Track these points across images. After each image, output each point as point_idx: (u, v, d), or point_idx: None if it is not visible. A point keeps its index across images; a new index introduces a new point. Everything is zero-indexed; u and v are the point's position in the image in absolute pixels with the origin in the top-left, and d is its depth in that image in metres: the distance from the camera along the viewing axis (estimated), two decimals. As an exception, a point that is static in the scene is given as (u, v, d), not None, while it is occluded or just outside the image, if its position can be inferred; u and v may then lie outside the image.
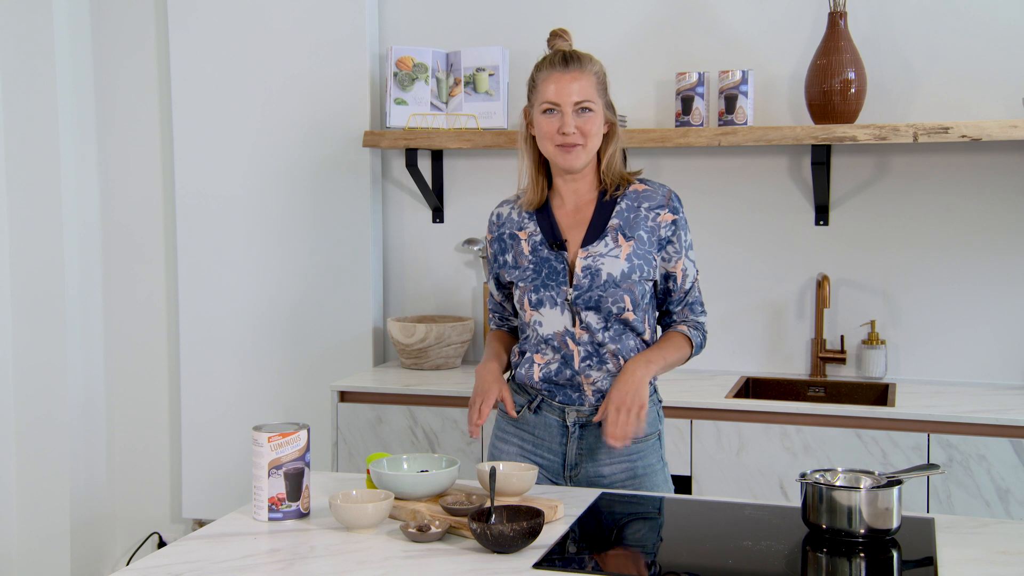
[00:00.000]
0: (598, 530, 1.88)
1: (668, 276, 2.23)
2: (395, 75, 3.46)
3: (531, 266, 2.21)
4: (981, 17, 3.13)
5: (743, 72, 3.17)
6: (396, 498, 1.93)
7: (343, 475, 2.27)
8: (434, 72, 3.49)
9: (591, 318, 2.17)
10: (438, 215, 3.65)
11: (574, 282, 2.17)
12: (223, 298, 3.71)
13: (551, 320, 2.19)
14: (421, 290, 3.69)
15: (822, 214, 3.28)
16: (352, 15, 3.54)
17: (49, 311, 3.65)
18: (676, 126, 3.26)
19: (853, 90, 3.06)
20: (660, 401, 2.29)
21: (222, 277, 3.71)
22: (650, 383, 2.24)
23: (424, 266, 3.68)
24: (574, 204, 2.24)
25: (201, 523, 3.78)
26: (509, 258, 2.26)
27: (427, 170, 3.63)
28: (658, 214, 2.20)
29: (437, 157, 3.63)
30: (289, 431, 1.93)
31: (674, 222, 2.21)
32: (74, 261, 3.70)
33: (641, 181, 2.24)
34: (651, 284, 2.21)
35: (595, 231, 2.19)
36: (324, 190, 3.62)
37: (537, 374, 2.22)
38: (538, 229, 2.23)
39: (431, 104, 3.49)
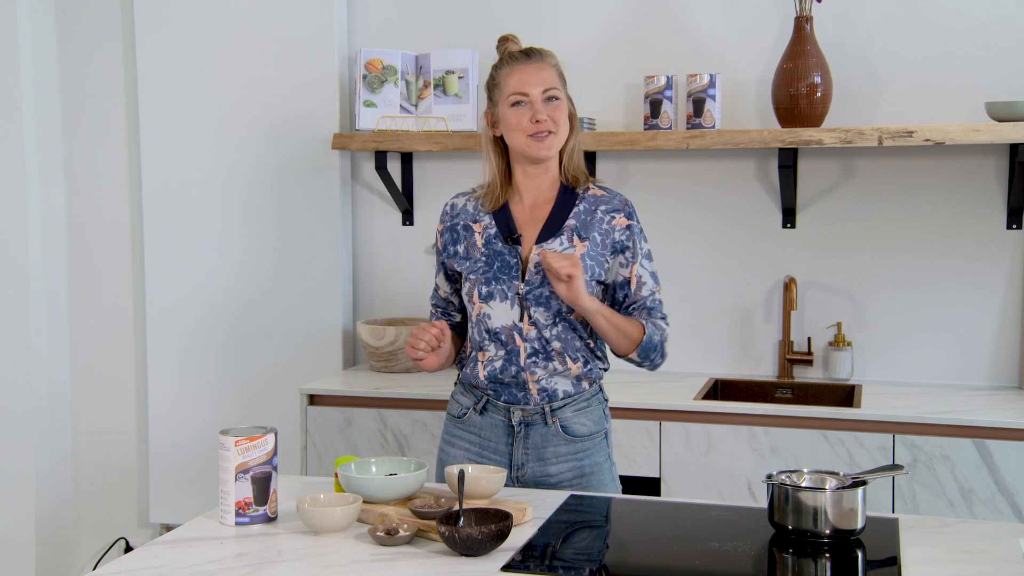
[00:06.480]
0: (566, 532, 1.89)
1: (626, 282, 2.22)
2: (364, 77, 3.45)
3: (483, 258, 2.22)
4: (945, 23, 3.17)
5: (711, 76, 3.19)
6: (364, 501, 1.93)
7: (311, 479, 2.26)
8: (403, 74, 3.49)
9: (539, 314, 2.18)
10: (408, 218, 3.65)
11: (526, 277, 2.18)
12: (191, 301, 3.68)
13: (500, 314, 2.20)
14: (391, 293, 3.68)
15: (789, 217, 3.31)
16: (321, 17, 3.53)
17: (14, 315, 3.61)
18: (645, 129, 3.27)
19: (819, 94, 3.09)
20: (606, 400, 2.31)
21: (190, 281, 3.68)
22: (597, 383, 2.26)
23: (394, 269, 3.68)
24: (532, 201, 2.25)
25: (168, 527, 3.75)
26: (460, 248, 2.27)
27: (397, 172, 3.62)
28: (613, 217, 2.22)
29: (407, 159, 3.63)
30: (256, 435, 1.92)
31: (629, 227, 2.22)
32: (39, 266, 3.66)
33: (600, 187, 2.27)
34: (601, 288, 2.23)
35: (551, 229, 2.21)
36: (293, 193, 3.60)
37: (482, 372, 2.22)
38: (493, 223, 2.24)
39: (400, 107, 3.48)
